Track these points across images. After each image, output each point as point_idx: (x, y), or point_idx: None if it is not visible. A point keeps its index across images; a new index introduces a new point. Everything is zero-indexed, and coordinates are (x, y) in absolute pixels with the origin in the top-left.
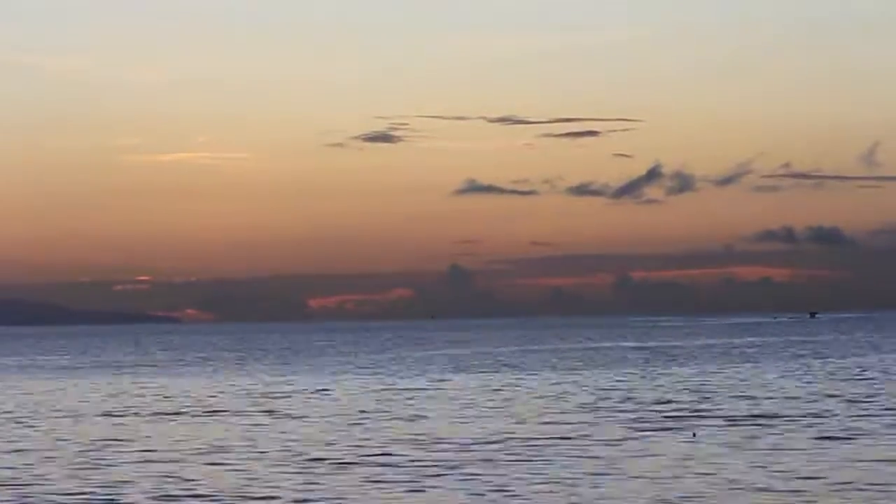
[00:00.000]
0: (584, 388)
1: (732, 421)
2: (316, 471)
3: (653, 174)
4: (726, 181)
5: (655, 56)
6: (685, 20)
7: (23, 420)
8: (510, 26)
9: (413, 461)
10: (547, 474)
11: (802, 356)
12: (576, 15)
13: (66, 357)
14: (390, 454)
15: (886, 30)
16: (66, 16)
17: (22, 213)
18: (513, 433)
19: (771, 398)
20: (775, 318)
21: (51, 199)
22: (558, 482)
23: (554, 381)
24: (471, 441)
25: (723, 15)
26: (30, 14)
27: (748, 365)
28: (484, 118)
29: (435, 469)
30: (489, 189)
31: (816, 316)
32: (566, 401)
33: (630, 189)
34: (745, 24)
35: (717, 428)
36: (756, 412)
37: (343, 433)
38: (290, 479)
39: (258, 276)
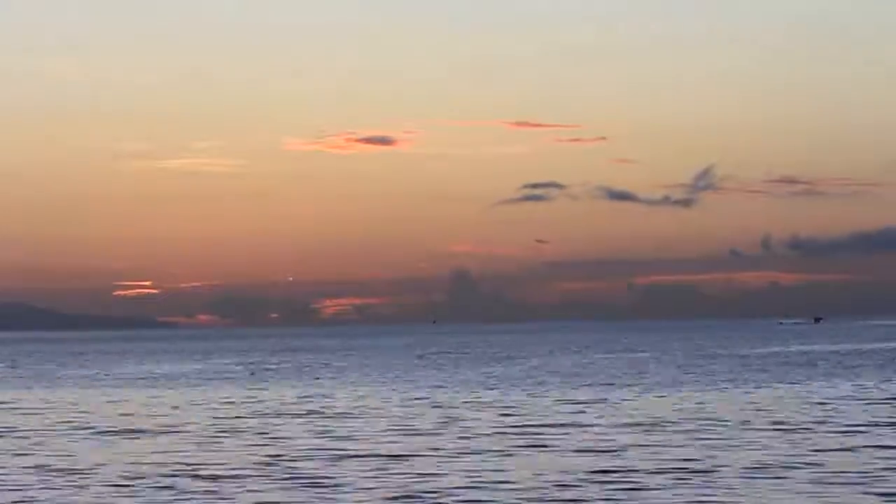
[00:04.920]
0: None
1: None
2: None
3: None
4: (732, 187)
5: (659, 61)
6: (685, 23)
7: None
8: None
9: None
10: None
11: None
12: (577, 17)
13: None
14: None
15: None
16: (66, 18)
17: (23, 218)
18: None
19: None
20: (780, 323)
21: (53, 204)
22: None
23: None
24: None
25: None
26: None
27: None
28: (491, 123)
29: None
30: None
31: (821, 321)
32: None
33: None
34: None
35: None
36: None
37: None
38: None
39: (263, 281)
